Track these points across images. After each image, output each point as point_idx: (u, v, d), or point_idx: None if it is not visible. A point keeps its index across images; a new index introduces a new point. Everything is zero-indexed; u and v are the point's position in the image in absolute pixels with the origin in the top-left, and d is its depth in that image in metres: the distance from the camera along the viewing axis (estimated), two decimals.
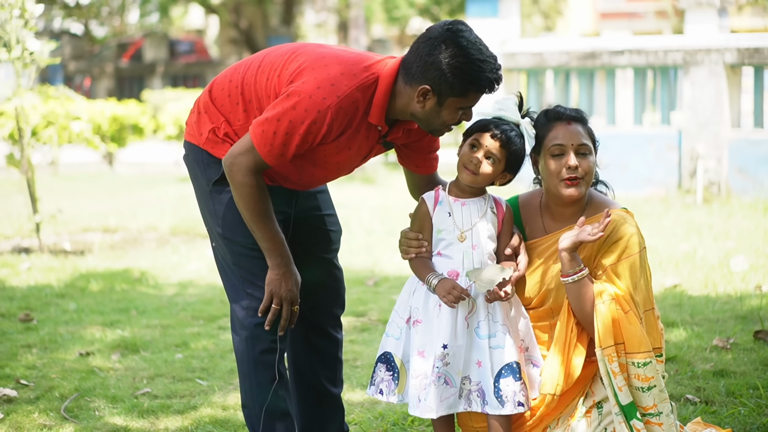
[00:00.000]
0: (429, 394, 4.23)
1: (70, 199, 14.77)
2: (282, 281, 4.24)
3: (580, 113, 4.39)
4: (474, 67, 3.99)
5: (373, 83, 4.10)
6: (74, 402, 5.63)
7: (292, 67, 4.13)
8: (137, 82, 39.15)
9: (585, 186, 4.35)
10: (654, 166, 13.94)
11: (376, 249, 10.47)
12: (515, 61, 14.89)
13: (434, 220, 4.33)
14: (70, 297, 8.37)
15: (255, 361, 4.32)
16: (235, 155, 4.11)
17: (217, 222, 4.35)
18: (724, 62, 13.54)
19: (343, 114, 4.06)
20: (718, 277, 8.54)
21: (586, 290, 4.29)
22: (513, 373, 4.29)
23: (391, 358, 4.36)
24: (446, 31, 4.03)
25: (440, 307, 4.27)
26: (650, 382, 4.24)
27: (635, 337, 4.24)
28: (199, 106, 4.37)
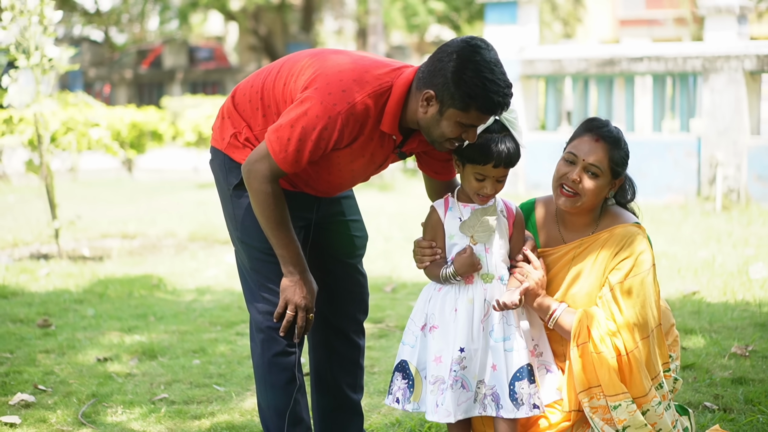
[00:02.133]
0: (446, 399, 4.23)
1: (90, 205, 14.80)
2: (296, 289, 4.24)
3: (614, 136, 4.33)
4: (479, 83, 3.96)
5: (387, 91, 4.10)
6: (91, 407, 5.64)
7: (308, 74, 4.13)
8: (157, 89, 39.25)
9: (580, 202, 4.34)
10: (673, 173, 13.90)
11: (394, 255, 10.46)
12: (534, 68, 14.87)
13: (446, 227, 4.34)
14: (88, 303, 8.38)
15: (269, 364, 4.34)
16: (252, 162, 4.13)
17: (236, 226, 4.39)
18: (744, 69, 13.50)
19: (354, 120, 4.05)
20: (737, 285, 8.50)
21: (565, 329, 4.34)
22: (527, 376, 4.31)
23: (407, 366, 4.37)
24: (464, 44, 4.01)
25: (456, 312, 4.28)
26: (623, 423, 4.26)
27: (605, 379, 4.25)
28: (223, 111, 4.41)
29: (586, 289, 4.37)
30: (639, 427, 4.27)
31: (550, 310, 4.31)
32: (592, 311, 4.31)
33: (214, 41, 50.88)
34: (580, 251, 4.42)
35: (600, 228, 4.42)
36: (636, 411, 4.25)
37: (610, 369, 4.24)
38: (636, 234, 4.35)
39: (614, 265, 4.32)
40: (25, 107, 10.42)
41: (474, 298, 4.28)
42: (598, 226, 4.42)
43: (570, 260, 4.44)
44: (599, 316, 4.29)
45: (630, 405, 4.24)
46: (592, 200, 4.34)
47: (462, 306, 4.29)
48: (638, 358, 4.27)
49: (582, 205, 4.35)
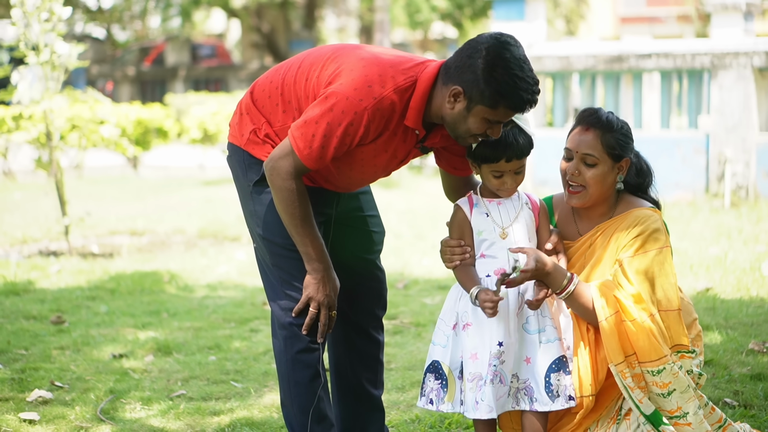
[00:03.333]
0: (486, 394, 4.21)
1: (96, 203, 14.78)
2: (320, 286, 4.23)
3: (603, 120, 4.32)
4: (509, 80, 3.95)
5: (411, 85, 4.07)
6: (110, 404, 5.63)
7: (331, 69, 4.11)
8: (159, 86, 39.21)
9: (588, 195, 4.33)
10: (681, 170, 13.88)
11: (404, 252, 10.45)
12: (542, 65, 14.84)
13: (473, 223, 4.33)
14: (100, 299, 8.37)
15: (292, 361, 4.32)
16: (276, 159, 4.11)
17: (257, 222, 4.36)
18: (753, 66, 13.48)
19: (380, 116, 4.03)
20: (750, 281, 8.48)
21: (583, 300, 4.28)
22: (563, 367, 4.30)
23: (439, 367, 4.35)
24: (494, 40, 3.99)
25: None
26: (668, 387, 4.22)
27: (644, 345, 4.20)
28: (241, 107, 4.38)
29: (601, 272, 4.35)
30: (684, 390, 4.22)
31: (565, 281, 4.27)
32: (610, 283, 4.28)
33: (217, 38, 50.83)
34: (596, 238, 4.41)
35: (616, 214, 4.41)
36: (678, 373, 4.20)
37: (648, 334, 4.19)
38: (650, 215, 4.34)
39: (625, 242, 4.30)
40: (34, 104, 10.40)
41: (508, 292, 4.27)
42: (613, 213, 4.42)
43: (587, 248, 4.43)
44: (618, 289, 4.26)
45: (673, 366, 4.19)
46: (598, 189, 4.33)
47: None
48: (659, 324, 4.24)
49: (591, 197, 4.34)
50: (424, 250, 10.44)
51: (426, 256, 10.05)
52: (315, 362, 4.33)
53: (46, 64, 10.14)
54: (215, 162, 20.45)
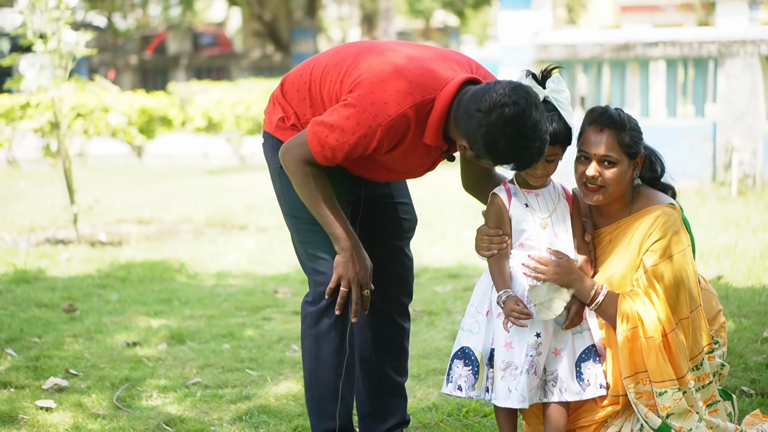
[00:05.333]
0: (520, 384, 4.22)
1: (102, 191, 14.76)
2: (349, 264, 4.25)
3: (616, 120, 4.30)
4: (513, 154, 3.99)
5: (430, 103, 4.07)
6: (126, 391, 5.62)
7: (354, 75, 4.13)
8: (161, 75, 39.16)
9: (608, 194, 4.32)
10: (688, 158, 13.86)
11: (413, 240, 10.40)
12: (548, 53, 14.82)
13: (512, 213, 4.31)
14: (111, 287, 8.36)
15: (317, 336, 4.37)
16: (291, 147, 4.18)
17: (284, 202, 4.42)
18: (760, 54, 13.45)
19: (394, 132, 4.06)
20: (760, 270, 8.47)
21: (612, 312, 4.31)
22: (593, 356, 4.33)
23: (470, 353, 4.34)
24: (497, 113, 3.93)
25: (528, 298, 4.27)
26: (667, 411, 4.25)
27: (653, 364, 4.24)
28: (273, 98, 4.45)
29: (621, 271, 4.36)
30: (682, 413, 4.26)
31: (593, 292, 4.29)
32: (635, 294, 4.29)
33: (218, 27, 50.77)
34: (615, 234, 4.41)
35: (634, 210, 4.40)
36: (681, 399, 4.23)
37: (658, 355, 4.22)
38: (669, 215, 4.33)
39: (648, 246, 4.30)
40: (42, 92, 10.38)
41: None
42: (632, 208, 4.41)
43: (607, 244, 4.43)
44: (643, 300, 4.28)
45: (676, 393, 4.23)
46: (618, 188, 4.32)
47: None
48: (676, 340, 4.26)
49: (611, 195, 4.33)
50: (433, 238, 10.43)
51: (435, 245, 10.04)
52: (340, 339, 4.37)
53: (54, 52, 10.11)
54: (219, 151, 20.43)
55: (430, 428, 5.03)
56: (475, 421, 5.08)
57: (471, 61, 4.27)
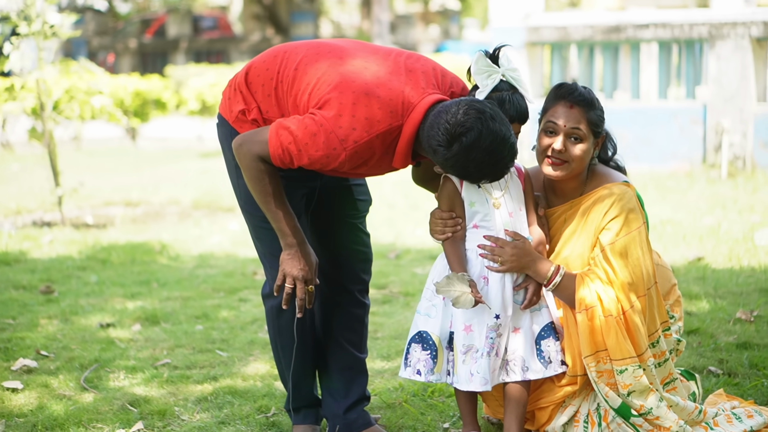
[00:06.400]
0: (482, 367, 4.23)
1: (93, 174, 14.77)
2: (294, 261, 4.26)
3: (587, 98, 4.31)
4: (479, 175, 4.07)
5: (397, 130, 4.06)
6: (94, 372, 5.62)
7: (323, 91, 4.07)
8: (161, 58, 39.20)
9: (570, 169, 4.32)
10: (679, 140, 13.83)
11: (398, 222, 10.43)
12: (539, 35, 14.78)
13: (464, 195, 4.29)
14: (91, 269, 8.37)
15: (279, 327, 4.49)
16: (248, 141, 4.13)
17: (240, 196, 4.43)
18: (750, 36, 13.41)
19: (358, 157, 4.05)
20: (742, 251, 8.46)
21: (570, 292, 4.31)
22: (552, 334, 4.34)
23: (428, 337, 4.34)
24: (456, 142, 3.97)
25: (486, 279, 4.27)
26: (628, 388, 4.25)
27: (613, 343, 4.23)
28: (235, 83, 4.35)
29: (578, 251, 4.36)
30: (643, 391, 4.25)
31: (550, 273, 4.28)
32: (592, 273, 4.29)
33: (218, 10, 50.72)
34: (570, 213, 4.41)
35: (588, 189, 4.41)
36: (642, 376, 4.23)
37: (617, 332, 4.22)
38: (624, 192, 4.34)
39: (604, 225, 4.30)
40: (27, 74, 10.37)
41: None
42: (586, 187, 4.41)
43: (562, 223, 4.44)
44: (601, 278, 4.27)
45: (636, 370, 4.22)
46: (580, 164, 4.32)
47: (492, 274, 4.28)
48: (634, 318, 4.25)
49: (572, 171, 4.32)
50: (418, 220, 10.42)
51: (419, 227, 10.02)
52: (299, 330, 4.46)
53: (39, 34, 10.09)
54: (214, 133, 20.38)
55: (394, 408, 5.02)
56: (439, 401, 5.07)
57: (437, 69, 4.24)
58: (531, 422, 4.52)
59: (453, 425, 4.74)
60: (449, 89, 4.22)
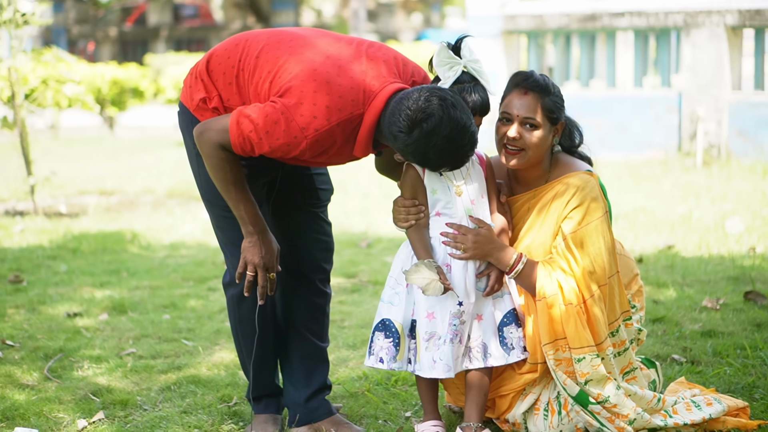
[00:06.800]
0: (445, 354, 4.24)
1: (69, 163, 14.74)
2: (255, 249, 4.26)
3: (541, 84, 4.32)
4: (438, 162, 4.06)
5: (358, 118, 4.07)
6: (58, 362, 5.61)
7: (285, 79, 4.07)
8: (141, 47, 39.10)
9: (527, 157, 4.32)
10: (654, 128, 13.86)
11: (371, 211, 10.43)
12: (515, 24, 14.79)
13: (426, 182, 4.29)
14: (61, 259, 8.35)
15: (240, 316, 4.49)
16: (209, 129, 4.12)
17: (201, 185, 4.43)
18: (725, 24, 13.43)
19: (319, 145, 4.05)
20: (712, 239, 8.49)
21: (531, 280, 4.32)
22: (514, 320, 4.35)
23: (391, 325, 4.34)
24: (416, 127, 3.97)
25: (449, 266, 4.28)
26: (585, 377, 4.26)
27: (571, 331, 4.25)
28: (196, 71, 4.34)
29: (540, 240, 4.36)
30: (600, 380, 4.26)
31: (512, 261, 4.29)
32: (554, 261, 4.30)
33: None
34: (533, 201, 4.42)
35: (552, 178, 4.41)
36: (600, 365, 4.24)
37: (577, 321, 4.23)
38: (587, 182, 4.34)
39: (566, 214, 4.31)
40: None
41: None
42: (549, 176, 4.42)
43: (525, 212, 4.45)
44: (562, 267, 4.28)
45: (594, 359, 4.23)
46: (537, 152, 4.32)
47: (455, 261, 4.29)
48: (595, 307, 4.26)
49: (530, 160, 4.33)
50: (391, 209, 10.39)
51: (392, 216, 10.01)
52: (260, 319, 4.45)
53: (10, 22, 10.05)
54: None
55: (356, 397, 5.02)
56: (402, 390, 5.07)
57: (398, 58, 4.24)
58: (492, 410, 4.53)
59: (415, 414, 4.75)
60: (411, 78, 4.22)
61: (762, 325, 5.96)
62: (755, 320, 6.04)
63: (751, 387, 4.94)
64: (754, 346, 5.52)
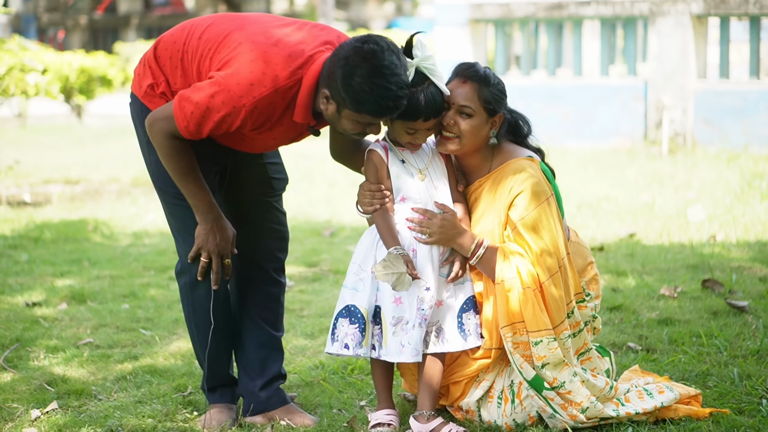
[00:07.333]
0: (414, 338, 4.27)
1: (36, 152, 14.67)
2: (209, 235, 4.31)
3: (481, 75, 4.35)
4: (367, 89, 4.00)
5: (296, 84, 4.11)
6: (15, 352, 5.58)
7: (224, 53, 4.14)
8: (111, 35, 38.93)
9: (461, 145, 4.35)
10: (620, 117, 13.90)
11: (336, 200, 10.44)
12: (482, 12, 14.79)
13: (390, 167, 4.33)
14: (23, 248, 8.31)
15: (194, 305, 4.49)
16: (157, 118, 4.17)
17: (153, 173, 4.46)
18: (691, 13, 13.48)
19: (258, 113, 4.09)
20: (674, 227, 8.53)
21: (492, 265, 4.36)
22: (473, 307, 4.39)
23: (356, 311, 4.36)
24: (354, 50, 4.02)
25: (414, 251, 4.31)
26: (543, 360, 4.29)
27: (529, 314, 4.28)
28: (145, 59, 4.39)
29: (488, 228, 4.40)
30: (557, 363, 4.29)
31: (474, 246, 4.31)
32: (512, 247, 4.32)
33: None
34: (479, 192, 4.46)
35: (494, 167, 4.45)
36: (556, 348, 4.26)
37: (534, 305, 4.26)
38: (527, 167, 4.38)
39: (511, 201, 4.35)
40: None
41: None
42: (491, 165, 4.45)
43: (473, 203, 4.49)
44: (519, 251, 4.30)
45: (551, 342, 4.26)
46: (471, 141, 4.36)
47: (420, 246, 4.31)
48: (551, 290, 4.29)
49: (464, 147, 4.36)
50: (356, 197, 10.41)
51: None
52: (214, 309, 4.46)
53: None
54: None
55: (312, 386, 5.03)
56: (358, 379, 5.08)
57: (341, 37, 4.27)
58: (445, 397, 4.55)
59: (369, 403, 4.76)
60: None
61: (718, 313, 5.99)
62: (712, 308, 6.08)
63: (704, 375, 4.96)
64: (709, 333, 5.55)
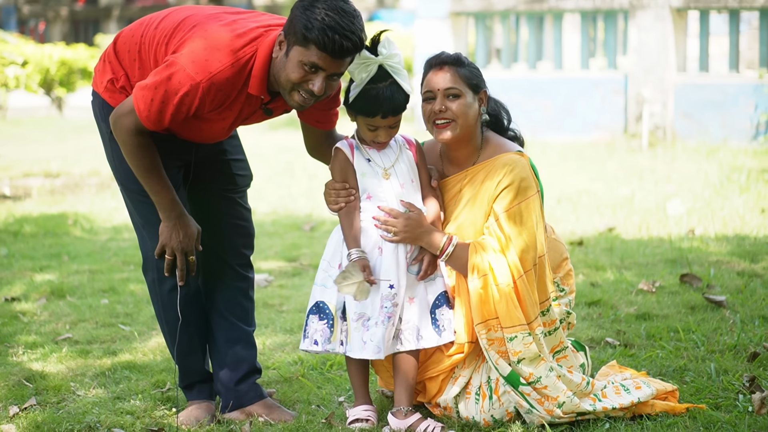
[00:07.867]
0: (376, 336, 4.29)
1: (16, 144, 14.63)
2: (173, 233, 4.33)
3: (453, 57, 4.41)
4: (318, 18, 4.01)
5: (251, 58, 4.14)
6: None
7: (178, 37, 4.19)
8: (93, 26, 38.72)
9: (458, 127, 4.38)
10: (600, 110, 13.93)
11: (317, 194, 10.42)
12: (463, 5, 14.80)
13: (355, 165, 4.34)
14: (2, 242, 8.30)
15: (163, 301, 4.52)
16: (119, 115, 4.19)
17: (116, 169, 4.47)
18: (671, 6, 13.51)
19: (216, 89, 4.11)
20: (653, 221, 8.56)
21: (462, 262, 4.37)
22: (446, 302, 4.41)
23: (325, 307, 4.39)
24: None
25: (380, 249, 4.32)
26: (518, 355, 4.31)
27: (503, 311, 4.30)
28: (105, 55, 4.42)
29: (471, 219, 4.42)
30: (533, 358, 4.30)
31: (442, 243, 4.33)
32: (485, 242, 4.33)
33: None
34: (465, 182, 4.47)
35: (482, 159, 4.46)
36: (531, 343, 4.28)
37: (509, 301, 4.27)
38: (517, 162, 4.39)
39: (497, 193, 4.36)
40: None
41: None
42: (479, 157, 4.47)
43: (456, 193, 4.49)
44: (494, 247, 4.32)
45: (526, 337, 4.28)
46: (466, 120, 4.38)
47: (386, 244, 4.32)
48: (525, 286, 4.31)
49: (461, 131, 4.38)
50: None
51: None
52: (182, 305, 4.49)
53: None
54: None
55: (291, 382, 5.03)
56: (337, 375, 5.09)
57: None
58: (423, 394, 4.56)
59: (348, 399, 4.76)
60: None
61: (696, 307, 6.02)
62: (689, 303, 6.09)
63: (682, 370, 4.98)
64: (687, 329, 5.57)
